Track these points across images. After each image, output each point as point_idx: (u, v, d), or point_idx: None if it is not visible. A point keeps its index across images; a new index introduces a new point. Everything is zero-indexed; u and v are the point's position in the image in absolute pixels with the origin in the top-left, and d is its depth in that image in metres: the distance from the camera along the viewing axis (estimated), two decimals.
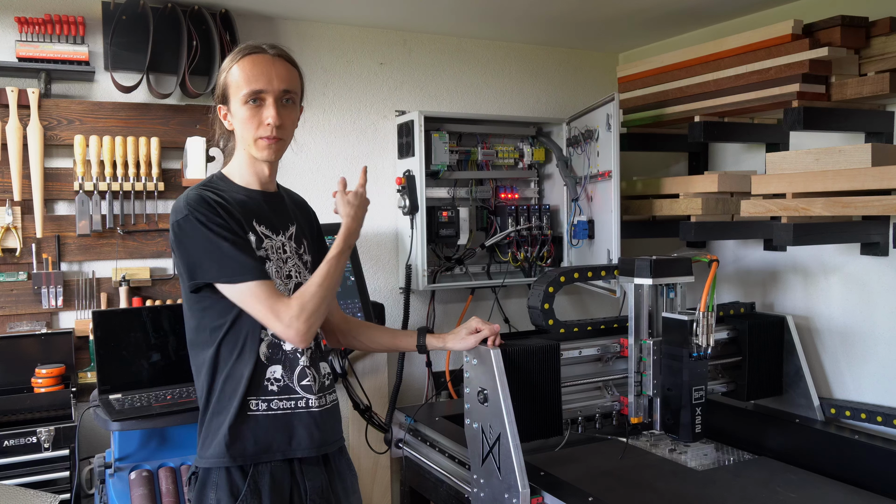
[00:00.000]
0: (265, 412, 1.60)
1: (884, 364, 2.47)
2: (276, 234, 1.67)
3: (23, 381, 2.42)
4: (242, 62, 1.60)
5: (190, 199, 1.57)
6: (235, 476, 1.58)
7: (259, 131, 1.60)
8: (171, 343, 2.34)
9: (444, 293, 3.20)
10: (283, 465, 1.62)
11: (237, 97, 1.60)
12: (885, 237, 2.41)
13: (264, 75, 1.59)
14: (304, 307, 1.54)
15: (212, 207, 1.55)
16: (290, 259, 1.68)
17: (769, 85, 2.43)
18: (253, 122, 1.60)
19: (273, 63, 1.61)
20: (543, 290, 2.21)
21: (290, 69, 1.64)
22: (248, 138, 1.61)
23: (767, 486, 2.14)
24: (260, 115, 1.59)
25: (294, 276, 1.68)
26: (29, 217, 2.53)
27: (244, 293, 1.53)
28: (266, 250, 1.63)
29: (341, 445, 1.75)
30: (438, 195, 3.07)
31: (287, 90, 1.62)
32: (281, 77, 1.61)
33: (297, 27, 2.95)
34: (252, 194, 1.66)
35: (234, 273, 1.52)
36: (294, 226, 1.73)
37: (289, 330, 1.53)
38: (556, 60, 3.49)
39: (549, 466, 2.02)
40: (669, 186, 2.79)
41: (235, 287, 1.53)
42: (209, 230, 1.52)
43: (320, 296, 1.57)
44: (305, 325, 1.54)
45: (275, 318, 1.53)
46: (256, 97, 1.59)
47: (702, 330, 2.07)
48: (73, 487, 2.28)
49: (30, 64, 2.46)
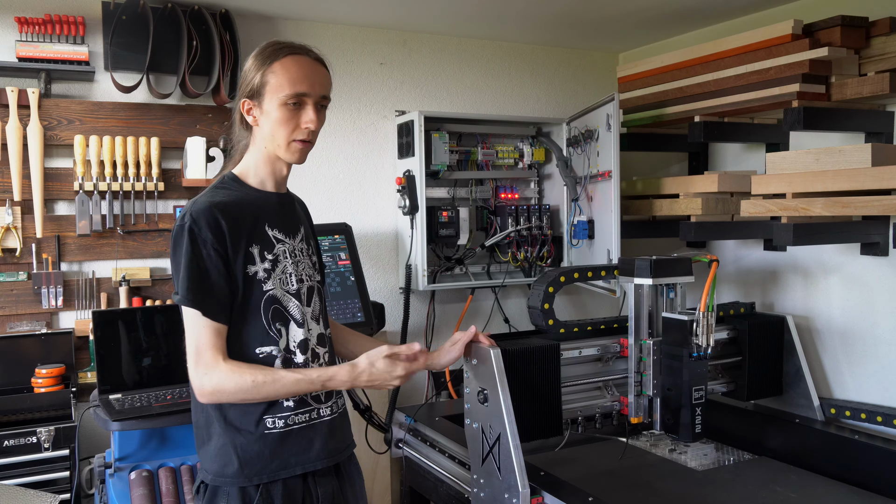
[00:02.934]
0: (282, 429, 1.56)
1: (884, 364, 2.47)
2: (289, 238, 1.63)
3: (23, 381, 2.42)
4: (286, 62, 1.55)
5: (196, 208, 1.51)
6: (249, 490, 1.54)
7: (295, 134, 1.57)
8: (171, 343, 2.34)
9: (444, 293, 3.20)
10: (295, 477, 1.58)
11: (276, 96, 1.54)
12: (885, 237, 2.41)
13: (308, 78, 1.55)
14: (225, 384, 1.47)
15: (211, 226, 1.50)
16: (302, 262, 1.65)
17: (769, 85, 2.43)
18: (290, 124, 1.56)
19: (315, 66, 1.58)
20: (543, 290, 2.21)
21: (327, 75, 1.61)
22: (281, 139, 1.57)
23: (767, 486, 2.14)
24: (298, 117, 1.56)
25: (306, 279, 1.64)
26: (29, 217, 2.53)
27: (189, 323, 1.49)
28: (277, 255, 1.59)
29: (352, 451, 1.73)
30: (438, 195, 3.07)
31: (325, 96, 1.60)
32: (322, 82, 1.58)
33: (297, 27, 2.95)
34: (267, 197, 1.63)
35: (195, 300, 1.48)
36: (303, 227, 1.71)
37: (198, 385, 1.48)
38: (556, 60, 3.49)
39: (549, 466, 2.02)
40: (669, 186, 2.79)
41: (187, 311, 1.49)
42: (195, 250, 1.48)
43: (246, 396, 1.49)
44: (210, 397, 1.49)
45: (196, 361, 1.48)
46: (298, 99, 1.55)
47: (702, 330, 2.07)
48: (73, 487, 2.28)
49: (30, 64, 2.46)
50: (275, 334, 1.56)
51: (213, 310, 1.49)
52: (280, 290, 1.58)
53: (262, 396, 1.51)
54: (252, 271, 1.55)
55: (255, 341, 1.55)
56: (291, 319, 1.59)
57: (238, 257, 1.53)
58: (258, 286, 1.55)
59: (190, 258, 1.48)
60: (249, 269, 1.55)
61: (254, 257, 1.56)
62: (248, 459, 1.54)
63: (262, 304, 1.55)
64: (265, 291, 1.55)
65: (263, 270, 1.56)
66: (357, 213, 3.08)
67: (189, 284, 1.48)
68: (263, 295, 1.55)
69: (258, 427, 1.54)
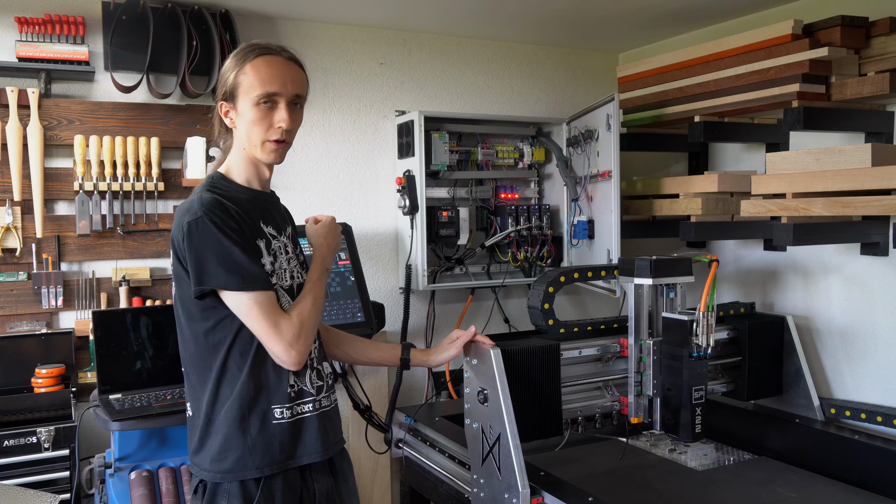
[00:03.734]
0: (290, 420, 1.58)
1: (884, 364, 2.47)
2: (280, 235, 1.66)
3: (23, 381, 2.42)
4: (256, 62, 1.57)
5: (204, 200, 1.52)
6: (250, 485, 1.55)
7: (269, 133, 1.58)
8: (171, 343, 2.34)
9: (444, 293, 3.20)
10: (295, 470, 1.60)
11: (248, 97, 1.56)
12: (885, 237, 2.41)
13: (279, 78, 1.57)
14: (303, 325, 1.54)
15: (227, 211, 1.52)
16: (292, 260, 1.67)
17: (769, 85, 2.43)
18: (263, 125, 1.57)
19: (287, 66, 1.60)
20: (543, 290, 2.21)
21: (301, 74, 1.63)
22: (256, 140, 1.59)
23: (767, 486, 2.14)
24: (271, 117, 1.57)
25: (296, 276, 1.67)
26: (29, 217, 2.53)
27: (248, 304, 1.50)
28: (275, 251, 1.61)
29: (343, 446, 1.75)
30: (438, 195, 3.07)
31: (298, 94, 1.61)
32: (294, 81, 1.59)
33: (297, 27, 2.95)
34: (256, 194, 1.65)
35: (242, 282, 1.49)
36: (290, 226, 1.73)
37: (290, 350, 1.51)
38: (556, 60, 3.49)
39: (549, 466, 2.02)
40: (669, 186, 2.79)
41: (240, 296, 1.50)
42: (223, 234, 1.49)
43: (315, 317, 1.57)
44: (305, 347, 1.54)
45: (277, 334, 1.50)
46: (269, 99, 1.57)
47: (702, 330, 2.07)
48: (73, 487, 2.28)
49: (30, 64, 2.46)
50: None
51: (259, 283, 1.51)
52: (278, 285, 1.60)
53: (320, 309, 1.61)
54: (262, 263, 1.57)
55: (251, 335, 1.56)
56: None
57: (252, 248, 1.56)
58: None
59: (219, 242, 1.49)
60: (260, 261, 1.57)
61: (261, 250, 1.58)
62: (256, 450, 1.55)
63: None
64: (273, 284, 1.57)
65: (270, 264, 1.59)
66: (357, 213, 3.08)
67: (228, 267, 1.49)
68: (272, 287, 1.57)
69: (268, 417, 1.56)
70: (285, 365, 1.54)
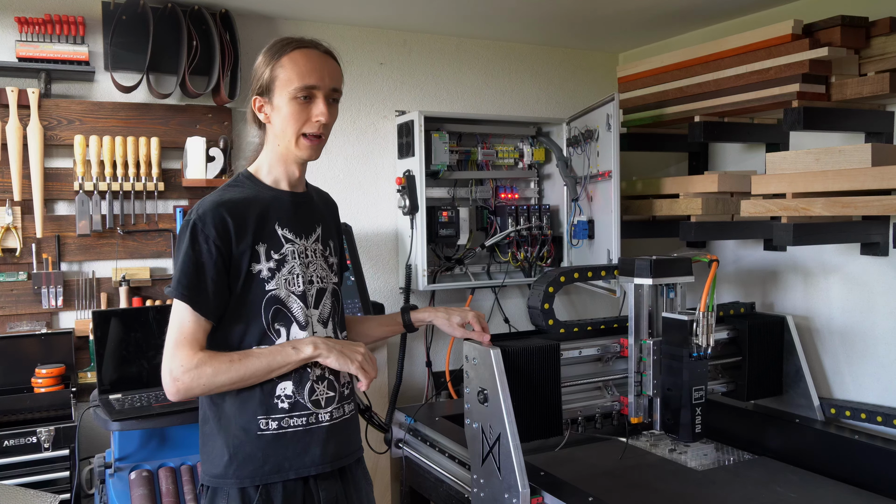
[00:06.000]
0: (276, 431, 1.54)
1: (884, 364, 2.47)
2: (300, 238, 1.61)
3: (23, 381, 2.42)
4: (294, 55, 1.54)
5: (203, 206, 1.51)
6: (248, 492, 1.54)
7: (306, 127, 1.55)
8: None
9: (444, 293, 3.20)
10: (295, 480, 1.57)
11: (285, 91, 1.53)
12: (885, 237, 2.41)
13: (317, 71, 1.54)
14: (200, 373, 1.46)
15: (216, 223, 1.49)
16: (313, 263, 1.63)
17: (769, 85, 2.43)
18: (300, 118, 1.54)
19: (324, 59, 1.57)
20: (543, 290, 2.21)
21: (337, 68, 1.60)
22: (291, 134, 1.55)
23: (767, 486, 2.14)
24: (308, 111, 1.54)
25: (316, 281, 1.62)
26: (29, 217, 2.53)
27: (173, 314, 1.49)
28: (285, 255, 1.58)
29: (359, 456, 1.71)
30: (438, 195, 3.07)
31: (335, 88, 1.58)
32: (332, 75, 1.57)
33: (297, 27, 2.95)
34: (280, 195, 1.61)
35: (181, 292, 1.47)
36: (321, 227, 1.68)
37: (172, 381, 1.46)
38: (556, 60, 3.49)
39: (549, 466, 2.01)
40: (669, 186, 2.79)
41: (175, 303, 1.49)
42: (195, 244, 1.48)
43: (224, 380, 1.48)
44: (186, 389, 1.46)
45: (170, 356, 1.47)
46: (308, 93, 1.54)
47: (702, 330, 2.06)
48: (73, 487, 2.28)
49: (30, 64, 2.46)
50: (273, 335, 1.56)
51: (203, 306, 1.49)
52: (284, 290, 1.57)
53: (241, 374, 1.48)
54: (256, 269, 1.55)
55: (253, 340, 1.55)
56: (294, 321, 1.58)
57: (243, 255, 1.53)
58: (260, 285, 1.55)
59: (189, 253, 1.49)
60: (254, 268, 1.54)
61: (259, 256, 1.55)
62: (241, 460, 1.53)
63: (262, 303, 1.55)
64: (267, 291, 1.55)
65: (268, 269, 1.56)
66: (357, 213, 3.08)
67: (183, 278, 1.48)
68: (265, 294, 1.55)
69: (251, 427, 1.54)
70: (165, 390, 1.49)
